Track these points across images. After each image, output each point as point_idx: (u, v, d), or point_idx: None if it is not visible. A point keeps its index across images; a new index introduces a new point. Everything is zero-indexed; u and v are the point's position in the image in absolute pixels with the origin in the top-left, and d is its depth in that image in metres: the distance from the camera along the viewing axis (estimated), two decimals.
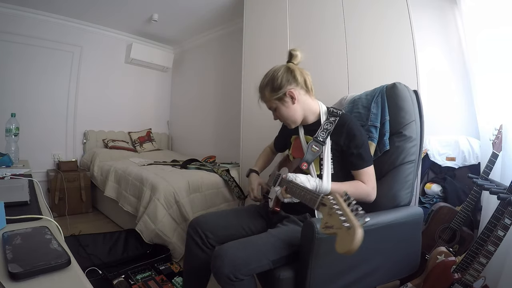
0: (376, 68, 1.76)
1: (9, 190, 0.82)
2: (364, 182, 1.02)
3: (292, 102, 1.08)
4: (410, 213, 1.06)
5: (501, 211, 1.00)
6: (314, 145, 1.05)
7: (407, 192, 1.10)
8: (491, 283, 1.08)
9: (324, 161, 1.04)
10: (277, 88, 1.07)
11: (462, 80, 1.91)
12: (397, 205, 1.08)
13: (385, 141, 1.15)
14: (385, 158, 1.15)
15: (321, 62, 1.98)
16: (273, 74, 1.11)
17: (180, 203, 1.97)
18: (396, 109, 1.17)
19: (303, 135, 1.15)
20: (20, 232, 0.55)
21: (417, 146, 1.14)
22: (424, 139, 1.86)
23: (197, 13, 3.02)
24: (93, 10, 2.99)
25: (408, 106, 1.16)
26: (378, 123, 1.18)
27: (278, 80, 1.08)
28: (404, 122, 1.14)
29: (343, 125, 1.05)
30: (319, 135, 1.06)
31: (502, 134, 1.34)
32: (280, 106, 1.09)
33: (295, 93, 1.07)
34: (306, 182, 0.97)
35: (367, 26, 1.81)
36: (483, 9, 1.57)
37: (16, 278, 0.40)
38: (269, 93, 1.09)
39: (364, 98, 1.28)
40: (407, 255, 1.11)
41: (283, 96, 1.07)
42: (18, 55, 2.86)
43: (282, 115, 1.11)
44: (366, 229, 0.81)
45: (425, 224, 1.49)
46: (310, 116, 1.13)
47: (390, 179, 1.11)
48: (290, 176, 0.98)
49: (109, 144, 3.31)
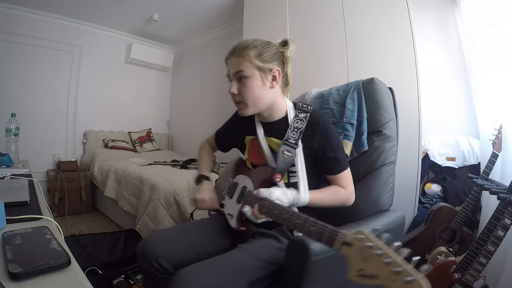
0: (376, 68, 1.76)
1: (9, 190, 0.82)
2: (343, 187, 0.90)
3: (271, 84, 0.89)
4: (395, 219, 0.97)
5: (501, 211, 1.00)
6: (286, 150, 0.86)
7: (389, 195, 1.02)
8: (491, 283, 1.08)
9: (298, 167, 0.88)
10: (266, 59, 0.87)
11: (462, 80, 1.91)
12: (379, 210, 0.99)
13: (363, 140, 1.05)
14: (363, 159, 1.05)
15: (321, 62, 1.98)
16: (268, 42, 0.92)
17: (180, 203, 1.97)
18: (375, 106, 1.06)
19: (263, 136, 0.94)
20: (20, 232, 0.55)
21: (396, 146, 1.06)
22: (424, 139, 1.88)
23: (197, 13, 3.02)
24: (93, 10, 2.99)
25: (387, 103, 1.07)
26: (354, 120, 1.07)
27: (270, 52, 0.89)
28: (384, 120, 1.05)
29: (316, 124, 0.89)
30: (290, 137, 0.88)
31: (502, 134, 1.34)
32: (256, 78, 0.87)
33: (278, 76, 0.89)
34: (282, 197, 0.81)
35: (367, 27, 1.81)
36: (483, 9, 1.57)
37: (16, 278, 0.40)
38: (255, 56, 0.86)
39: (336, 94, 1.16)
40: None
41: (266, 70, 0.87)
42: (18, 55, 2.86)
43: (250, 89, 0.87)
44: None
45: (425, 224, 1.49)
46: (275, 112, 0.94)
47: (370, 182, 1.02)
48: (264, 193, 0.80)
49: (109, 144, 3.31)
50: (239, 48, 0.89)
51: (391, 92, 1.11)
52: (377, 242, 0.49)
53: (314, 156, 0.90)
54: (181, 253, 0.89)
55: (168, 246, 0.89)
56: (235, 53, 0.89)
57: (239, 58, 0.87)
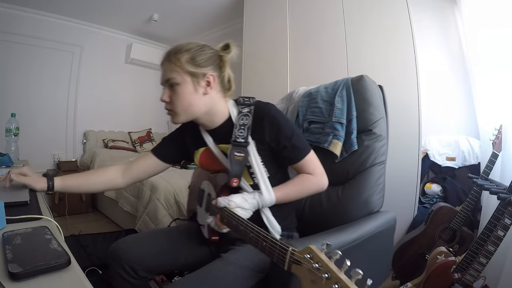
0: (376, 68, 1.76)
1: (9, 190, 0.82)
2: (310, 173, 0.84)
3: (204, 91, 0.81)
4: (386, 220, 0.94)
5: (501, 211, 1.00)
6: (236, 151, 0.80)
7: (379, 196, 0.98)
8: (491, 283, 1.08)
9: (254, 166, 0.81)
10: (199, 63, 0.80)
11: (462, 80, 1.91)
12: (370, 212, 0.96)
13: (353, 140, 1.01)
14: (353, 159, 1.01)
15: (321, 62, 1.98)
16: (203, 46, 0.84)
17: (180, 203, 1.97)
18: (365, 105, 1.03)
19: (214, 144, 0.88)
20: (20, 232, 0.54)
21: (386, 145, 1.02)
22: (424, 139, 1.88)
23: (197, 13, 3.02)
24: (93, 10, 2.99)
25: (377, 101, 1.03)
26: (344, 119, 1.03)
27: (204, 55, 0.82)
28: (374, 119, 1.01)
29: (261, 117, 0.82)
30: (237, 136, 0.82)
31: (502, 134, 1.34)
32: (187, 85, 0.80)
33: (213, 81, 0.82)
34: (243, 203, 0.76)
35: (367, 27, 1.81)
36: (483, 10, 1.57)
37: (16, 278, 0.40)
38: (187, 61, 0.80)
39: (324, 92, 1.12)
40: (380, 264, 1.00)
41: (199, 75, 0.80)
42: (18, 55, 2.86)
43: (181, 97, 0.81)
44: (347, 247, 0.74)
45: (425, 224, 1.49)
46: (216, 118, 0.86)
47: (359, 182, 0.98)
48: (222, 202, 0.74)
49: (109, 144, 3.31)
50: (170, 52, 0.83)
51: (381, 90, 1.07)
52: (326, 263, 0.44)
53: (271, 150, 0.84)
54: (152, 256, 0.87)
55: (139, 250, 0.86)
56: (166, 58, 0.83)
57: (170, 64, 0.81)
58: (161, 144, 0.99)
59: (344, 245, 0.75)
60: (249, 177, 0.84)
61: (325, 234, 0.78)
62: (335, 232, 0.79)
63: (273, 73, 2.19)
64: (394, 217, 0.98)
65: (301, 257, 0.47)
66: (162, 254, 0.88)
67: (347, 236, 0.78)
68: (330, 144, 1.02)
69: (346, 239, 0.77)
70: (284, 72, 2.14)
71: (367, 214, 0.95)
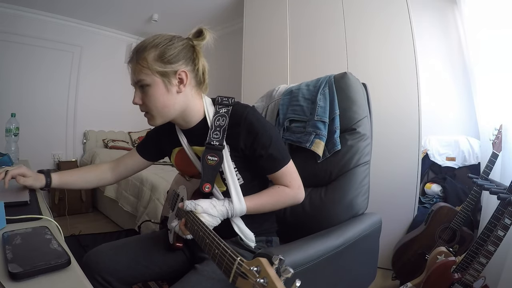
0: (375, 68, 1.76)
1: (9, 190, 0.82)
2: (287, 185, 0.78)
3: (178, 89, 0.75)
4: (372, 223, 0.91)
5: (501, 211, 1.00)
6: (210, 155, 0.75)
7: (364, 198, 0.94)
8: (491, 283, 1.08)
9: (226, 172, 0.75)
10: (169, 60, 0.73)
11: (462, 80, 1.91)
12: (355, 214, 0.92)
13: (336, 139, 0.96)
14: (336, 160, 0.96)
15: (321, 62, 1.98)
16: (170, 38, 0.75)
17: None
18: (348, 102, 0.98)
19: (188, 146, 0.83)
20: (20, 232, 0.54)
21: (371, 145, 0.99)
22: (424, 139, 1.88)
23: (197, 13, 3.01)
24: (93, 10, 2.99)
25: (361, 99, 0.99)
26: (326, 117, 0.99)
27: (175, 49, 0.74)
28: (357, 117, 0.97)
29: (238, 122, 0.76)
30: (212, 138, 0.76)
31: (502, 134, 1.34)
32: (158, 85, 0.73)
33: (186, 78, 0.75)
34: (210, 209, 0.71)
35: (367, 27, 1.81)
36: (483, 10, 1.57)
37: (16, 278, 0.40)
38: (154, 60, 0.72)
39: (306, 89, 1.07)
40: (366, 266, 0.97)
41: (170, 73, 0.73)
42: (18, 55, 2.86)
43: (155, 99, 0.74)
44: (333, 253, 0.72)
45: (425, 224, 1.49)
46: (191, 117, 0.80)
47: (343, 184, 0.94)
48: (189, 205, 0.70)
49: (109, 144, 3.31)
50: (137, 50, 0.74)
51: (365, 88, 1.04)
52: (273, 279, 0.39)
53: (245, 157, 0.78)
54: (125, 265, 0.81)
55: (111, 259, 0.80)
56: (133, 58, 0.75)
57: (137, 65, 0.73)
58: (144, 141, 0.97)
59: (331, 250, 0.72)
60: (222, 183, 0.79)
61: (309, 240, 0.73)
62: (320, 236, 0.76)
63: (273, 73, 2.19)
64: (380, 219, 0.95)
65: (247, 269, 0.42)
66: (136, 263, 0.82)
67: (333, 241, 0.75)
68: (312, 144, 0.97)
69: (332, 244, 0.74)
70: (284, 72, 2.14)
71: (352, 216, 0.92)
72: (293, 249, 0.67)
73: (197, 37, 0.79)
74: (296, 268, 0.61)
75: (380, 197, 1.58)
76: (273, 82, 2.22)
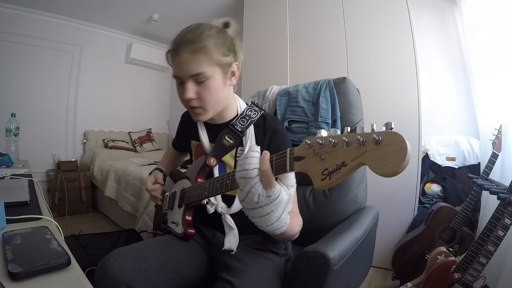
0: (375, 68, 1.76)
1: (9, 190, 0.82)
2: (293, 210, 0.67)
3: (230, 81, 0.73)
4: (375, 214, 1.00)
5: (501, 211, 1.00)
6: (228, 135, 0.74)
7: (364, 193, 1.04)
8: (491, 283, 1.08)
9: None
10: (226, 51, 0.69)
11: (462, 80, 1.91)
12: (358, 208, 1.01)
13: None
14: None
15: (321, 61, 1.98)
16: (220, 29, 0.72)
17: None
18: (347, 106, 1.06)
19: (208, 142, 0.80)
20: (20, 232, 0.54)
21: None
22: (424, 139, 1.88)
23: (197, 13, 3.01)
24: (93, 10, 2.99)
25: (358, 103, 1.07)
26: (329, 119, 1.05)
27: (227, 40, 0.70)
28: (355, 119, 1.05)
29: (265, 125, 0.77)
30: (238, 123, 0.75)
31: (502, 134, 1.35)
32: (216, 79, 0.69)
33: (237, 70, 0.74)
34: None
35: (367, 27, 1.81)
36: (483, 10, 1.57)
37: (16, 278, 0.40)
38: (215, 50, 0.67)
39: (305, 91, 1.12)
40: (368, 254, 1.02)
41: (226, 66, 0.70)
42: (18, 55, 2.86)
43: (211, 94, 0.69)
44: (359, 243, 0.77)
45: (425, 224, 1.49)
46: (230, 111, 0.79)
47: (346, 181, 0.96)
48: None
49: (109, 144, 3.31)
50: (191, 40, 0.66)
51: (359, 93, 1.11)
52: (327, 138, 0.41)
53: None
54: (156, 269, 0.68)
55: (140, 262, 0.67)
56: (187, 47, 0.66)
57: (196, 55, 0.66)
58: (176, 136, 1.02)
59: (358, 240, 0.77)
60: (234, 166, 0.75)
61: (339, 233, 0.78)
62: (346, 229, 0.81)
63: (273, 73, 2.19)
64: (377, 211, 1.05)
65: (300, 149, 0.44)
66: (165, 266, 0.70)
67: (357, 232, 0.81)
68: None
69: (357, 234, 0.80)
70: (284, 72, 2.14)
71: (356, 210, 1.00)
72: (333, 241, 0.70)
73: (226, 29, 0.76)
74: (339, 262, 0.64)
75: (380, 197, 1.58)
76: (273, 82, 2.22)
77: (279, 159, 0.48)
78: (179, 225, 0.79)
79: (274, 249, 0.78)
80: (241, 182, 0.50)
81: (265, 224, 0.50)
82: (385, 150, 0.35)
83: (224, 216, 0.74)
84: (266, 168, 0.48)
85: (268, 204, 0.48)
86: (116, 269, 0.63)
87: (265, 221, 0.49)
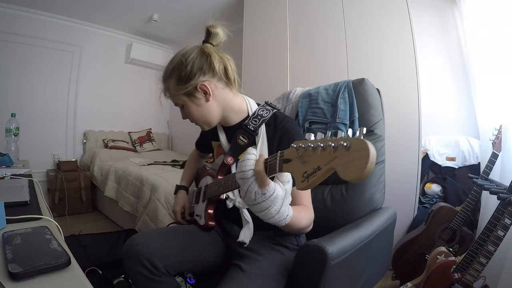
0: (375, 68, 1.76)
1: (9, 190, 0.82)
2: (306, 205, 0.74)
3: (206, 99, 0.79)
4: (390, 215, 1.00)
5: (501, 211, 1.00)
6: (242, 135, 0.81)
7: (381, 194, 1.04)
8: (491, 283, 1.08)
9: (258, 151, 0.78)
10: (186, 79, 0.77)
11: (462, 80, 1.91)
12: (374, 208, 1.01)
13: None
14: None
15: (321, 62, 1.98)
16: (180, 59, 0.79)
17: None
18: (366, 106, 1.08)
19: (226, 142, 0.88)
20: (20, 232, 0.54)
21: (385, 145, 1.07)
22: (424, 139, 1.88)
23: (197, 13, 3.01)
24: (93, 10, 2.99)
25: (377, 103, 1.09)
26: (347, 120, 1.07)
27: (187, 67, 0.77)
28: (374, 120, 1.06)
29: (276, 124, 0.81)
30: (250, 123, 0.82)
31: (502, 134, 1.35)
32: (189, 104, 0.80)
33: (210, 86, 0.78)
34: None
35: (367, 27, 1.81)
36: (483, 10, 1.57)
37: (16, 278, 0.40)
38: (175, 86, 0.79)
39: (325, 93, 1.15)
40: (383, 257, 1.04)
41: (193, 90, 0.78)
42: (18, 55, 2.86)
43: (192, 115, 0.82)
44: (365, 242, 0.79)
45: (425, 224, 1.49)
46: (233, 116, 0.85)
47: (363, 181, 1.00)
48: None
49: (109, 144, 3.31)
50: (162, 81, 0.85)
51: (379, 93, 1.13)
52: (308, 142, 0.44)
53: None
54: (175, 250, 0.80)
55: (162, 242, 0.80)
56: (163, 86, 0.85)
57: (167, 92, 0.84)
58: (199, 138, 1.11)
59: (364, 239, 0.79)
60: None
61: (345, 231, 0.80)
62: (353, 228, 0.83)
63: (273, 73, 2.19)
64: (395, 212, 1.04)
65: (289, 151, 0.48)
66: (184, 249, 0.82)
67: (364, 231, 0.82)
68: None
69: (364, 233, 0.81)
70: (284, 72, 2.14)
71: (372, 211, 1.00)
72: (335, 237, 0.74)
73: (208, 37, 0.83)
74: (337, 259, 0.67)
75: None
76: (273, 82, 2.23)
77: (272, 161, 0.52)
78: (202, 217, 0.89)
79: (285, 243, 0.84)
80: (240, 182, 0.55)
81: (267, 217, 0.55)
82: (352, 156, 0.37)
83: (241, 211, 0.82)
84: (259, 169, 0.52)
85: (265, 201, 0.52)
86: (140, 245, 0.77)
87: (266, 215, 0.54)
